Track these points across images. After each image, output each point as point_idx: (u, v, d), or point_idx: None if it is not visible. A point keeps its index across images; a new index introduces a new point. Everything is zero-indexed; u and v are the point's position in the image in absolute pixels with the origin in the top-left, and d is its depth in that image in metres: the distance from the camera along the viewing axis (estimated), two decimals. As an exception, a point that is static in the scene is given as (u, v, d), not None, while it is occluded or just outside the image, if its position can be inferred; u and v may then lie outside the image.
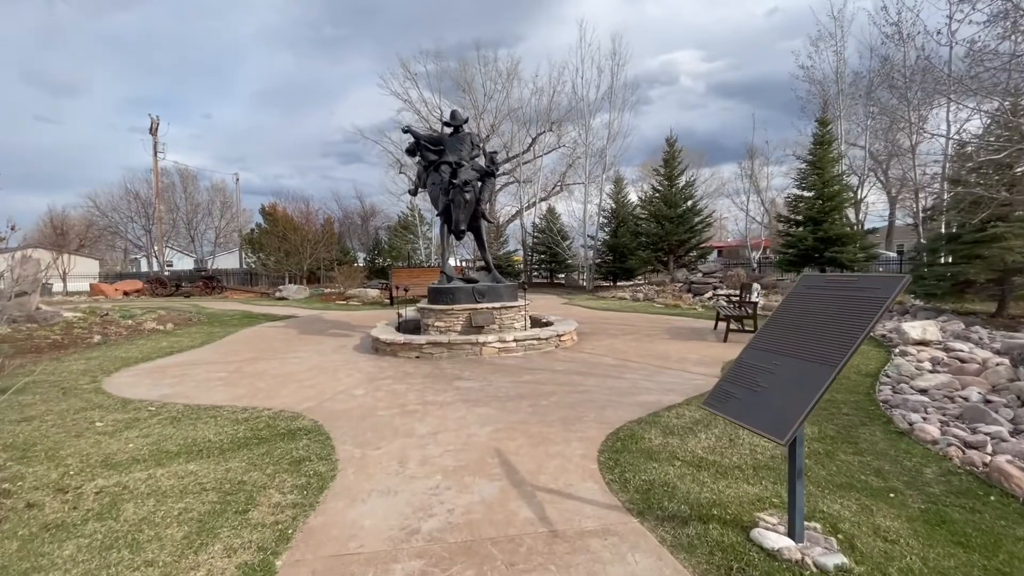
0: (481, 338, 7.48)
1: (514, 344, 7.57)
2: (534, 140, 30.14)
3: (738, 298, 9.36)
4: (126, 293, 26.36)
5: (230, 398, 5.38)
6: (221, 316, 14.43)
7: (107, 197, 41.04)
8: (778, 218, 19.89)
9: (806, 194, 17.69)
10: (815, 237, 16.44)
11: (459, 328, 8.12)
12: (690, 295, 17.18)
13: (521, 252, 32.29)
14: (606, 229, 24.76)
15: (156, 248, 35.82)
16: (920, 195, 18.40)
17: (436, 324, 8.18)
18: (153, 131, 31.96)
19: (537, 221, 29.11)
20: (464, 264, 28.07)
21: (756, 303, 7.95)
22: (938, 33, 8.94)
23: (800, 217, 17.81)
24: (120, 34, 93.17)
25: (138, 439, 4.07)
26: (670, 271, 21.64)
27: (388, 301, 18.31)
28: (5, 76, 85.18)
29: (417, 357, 7.41)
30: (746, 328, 8.39)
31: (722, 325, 9.51)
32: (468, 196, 8.27)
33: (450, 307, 8.16)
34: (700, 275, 18.62)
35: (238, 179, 39.53)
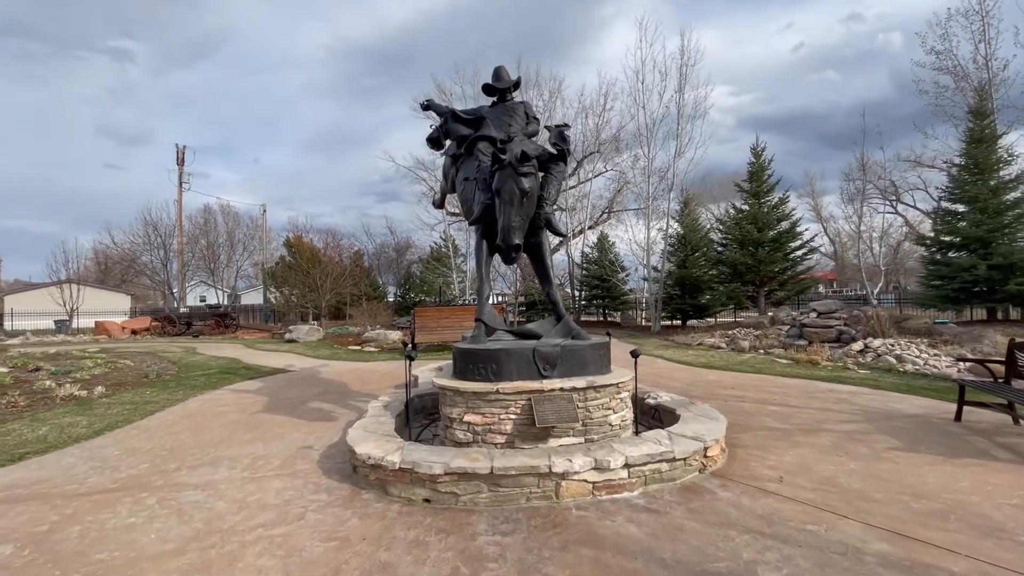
0: (557, 462, 3.62)
1: (625, 475, 3.68)
2: (579, 164, 26.78)
3: (1009, 366, 5.16)
4: (134, 332, 24.01)
5: None
6: (195, 368, 11.17)
7: (127, 231, 40.20)
8: (918, 240, 15.35)
9: (961, 208, 13.23)
10: (989, 265, 11.88)
11: (509, 428, 4.27)
12: (806, 342, 12.86)
13: (566, 287, 28.47)
14: (672, 259, 20.54)
15: (177, 284, 34.01)
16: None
17: (467, 420, 4.34)
18: (180, 161, 30.58)
19: (587, 251, 25.27)
20: (503, 302, 24.08)
21: None
22: None
23: (951, 239, 13.27)
24: (183, 91, 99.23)
25: None
26: (761, 309, 17.26)
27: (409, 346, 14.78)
28: (83, 130, 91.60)
29: (426, 502, 3.62)
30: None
31: (970, 412, 5.29)
32: (526, 184, 4.53)
33: (492, 387, 4.32)
34: (813, 315, 14.14)
35: (264, 210, 37.81)
